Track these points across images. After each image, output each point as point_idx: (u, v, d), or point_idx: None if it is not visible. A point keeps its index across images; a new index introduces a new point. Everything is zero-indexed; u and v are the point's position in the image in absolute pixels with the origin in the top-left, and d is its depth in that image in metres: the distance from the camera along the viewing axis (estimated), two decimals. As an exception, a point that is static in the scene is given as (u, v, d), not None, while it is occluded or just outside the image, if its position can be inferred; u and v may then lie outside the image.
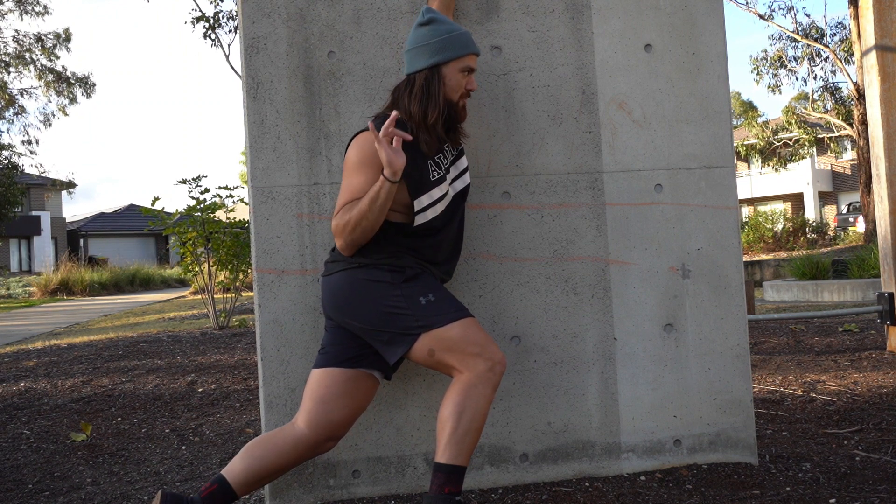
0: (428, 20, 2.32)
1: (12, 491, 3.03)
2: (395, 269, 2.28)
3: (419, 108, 2.29)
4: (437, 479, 2.19)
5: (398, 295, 2.25)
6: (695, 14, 2.78)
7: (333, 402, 2.30)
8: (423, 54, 2.30)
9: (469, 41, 2.34)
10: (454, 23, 2.38)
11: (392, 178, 2.17)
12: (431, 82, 2.30)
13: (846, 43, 22.04)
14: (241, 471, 2.28)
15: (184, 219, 8.67)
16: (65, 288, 20.87)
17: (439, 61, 2.30)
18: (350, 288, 2.29)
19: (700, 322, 2.75)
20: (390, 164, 2.15)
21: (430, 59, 2.30)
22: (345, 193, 2.26)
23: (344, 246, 2.26)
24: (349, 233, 2.23)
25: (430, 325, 2.22)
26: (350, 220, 2.21)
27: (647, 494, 2.50)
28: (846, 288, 10.02)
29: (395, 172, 2.16)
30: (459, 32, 2.33)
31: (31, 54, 26.76)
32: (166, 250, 40.14)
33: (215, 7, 15.69)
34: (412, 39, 2.34)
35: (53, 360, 6.33)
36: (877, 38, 4.98)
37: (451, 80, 2.32)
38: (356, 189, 2.24)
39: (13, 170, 26.67)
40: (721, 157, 2.78)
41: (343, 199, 2.25)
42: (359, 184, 2.23)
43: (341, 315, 2.31)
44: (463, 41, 2.32)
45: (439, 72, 2.31)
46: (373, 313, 2.26)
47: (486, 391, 2.20)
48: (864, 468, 2.69)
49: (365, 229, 2.23)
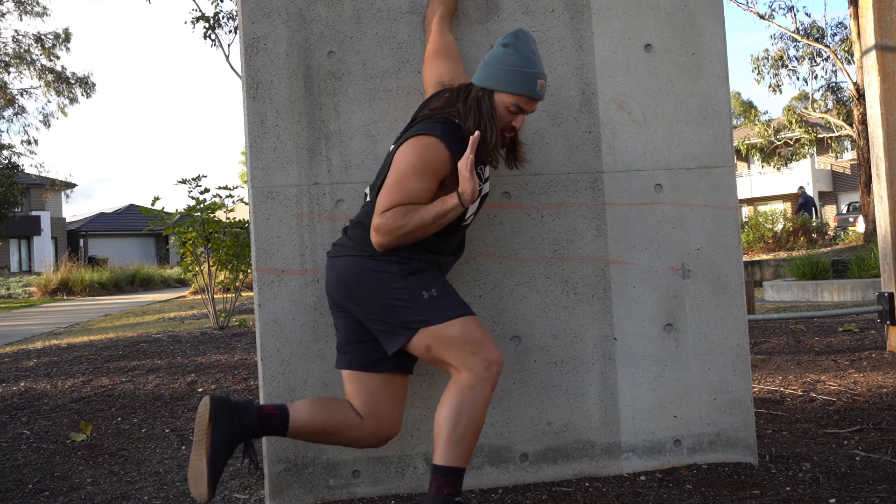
0: (506, 44, 2.29)
1: (12, 491, 3.03)
2: (402, 260, 2.27)
3: (474, 122, 2.26)
4: (436, 480, 2.19)
5: (402, 287, 2.25)
6: (695, 14, 2.78)
7: (379, 394, 2.33)
8: (490, 74, 2.28)
9: (531, 83, 2.26)
10: (533, 58, 2.29)
11: (467, 205, 2.20)
12: (483, 102, 2.28)
13: (846, 43, 22.03)
14: (306, 417, 2.29)
15: (184, 219, 8.67)
16: (65, 288, 20.86)
17: (496, 87, 2.27)
18: (356, 274, 2.29)
19: (700, 322, 2.75)
20: (473, 193, 2.18)
21: (489, 81, 2.28)
22: (398, 193, 2.22)
23: (384, 245, 2.24)
24: (401, 236, 2.22)
25: (429, 321, 2.22)
26: (406, 226, 2.20)
27: (647, 494, 2.50)
28: (846, 288, 10.02)
29: (471, 200, 2.19)
30: (533, 72, 2.26)
31: (30, 54, 26.76)
32: (166, 250, 40.11)
33: (215, 7, 15.67)
34: (491, 56, 2.31)
35: (53, 360, 6.33)
36: (877, 38, 4.98)
37: (499, 110, 2.29)
38: (413, 194, 2.22)
39: (13, 170, 26.67)
40: (721, 157, 2.78)
41: (395, 198, 2.21)
42: (417, 190, 2.22)
43: (343, 298, 2.31)
44: (526, 81, 2.25)
45: (491, 96, 2.28)
46: (375, 303, 2.26)
47: (483, 391, 2.20)
48: (864, 468, 2.69)
49: (416, 237, 2.24)
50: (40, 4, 26.41)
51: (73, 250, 38.20)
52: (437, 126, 2.26)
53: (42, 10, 26.44)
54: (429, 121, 2.30)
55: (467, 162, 2.17)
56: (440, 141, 2.22)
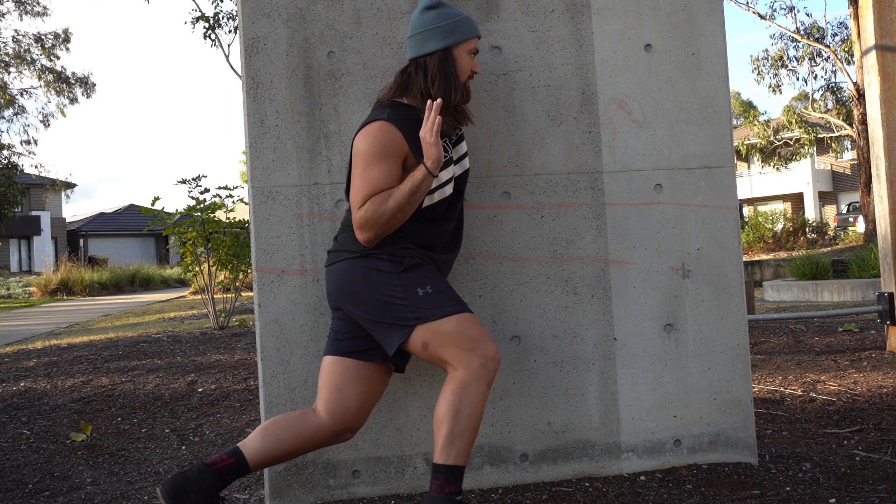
0: (435, 3, 2.35)
1: (12, 491, 3.03)
2: (395, 258, 2.28)
3: (440, 90, 2.30)
4: (437, 479, 2.19)
5: (396, 285, 2.25)
6: (695, 14, 2.78)
7: (348, 388, 2.32)
8: (434, 37, 2.32)
9: (474, 24, 2.39)
10: (457, 6, 2.43)
11: (435, 172, 2.20)
12: (447, 64, 2.32)
13: (847, 43, 22.04)
14: (259, 450, 2.30)
15: (184, 219, 8.67)
16: (65, 288, 20.87)
17: (451, 44, 2.32)
18: (351, 276, 2.30)
19: (700, 322, 2.75)
20: (438, 159, 2.18)
21: (443, 42, 2.32)
22: (365, 185, 2.23)
23: (372, 238, 2.25)
24: (382, 224, 2.23)
25: (425, 318, 2.22)
26: (385, 212, 2.21)
27: (647, 494, 2.50)
28: (846, 288, 10.02)
29: (438, 167, 2.19)
30: (466, 16, 2.38)
31: (30, 54, 26.75)
32: (166, 250, 40.12)
33: (215, 7, 15.68)
34: (419, 24, 2.35)
35: (53, 360, 6.33)
36: (877, 38, 4.98)
37: (462, 63, 2.35)
38: (379, 181, 2.23)
39: (13, 170, 26.67)
40: (721, 157, 2.78)
41: (364, 191, 2.23)
42: (382, 175, 2.23)
43: (344, 302, 2.32)
44: (470, 24, 2.37)
45: (451, 54, 2.33)
46: (371, 302, 2.27)
47: (480, 388, 2.20)
48: (864, 468, 2.69)
49: (399, 221, 2.24)
50: (40, 4, 26.43)
51: (73, 250, 38.22)
52: (383, 111, 2.30)
53: (42, 10, 26.46)
54: (374, 111, 2.36)
55: (429, 128, 2.19)
56: (388, 122, 2.26)
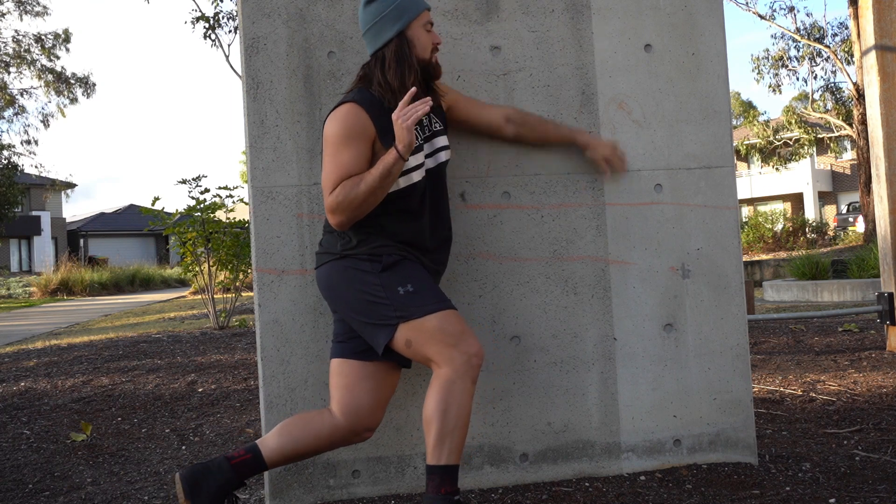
0: None
1: (12, 491, 3.03)
2: (373, 257, 2.28)
3: (396, 77, 2.29)
4: (433, 481, 2.19)
5: (377, 284, 2.26)
6: (695, 14, 2.78)
7: (357, 387, 2.33)
8: (385, 26, 2.30)
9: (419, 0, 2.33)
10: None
11: (406, 156, 2.19)
12: (402, 49, 2.30)
13: (847, 43, 22.04)
14: (276, 448, 2.32)
15: (184, 219, 8.67)
16: (65, 288, 20.87)
17: (402, 27, 2.30)
18: (335, 277, 2.32)
19: (700, 322, 2.75)
20: (410, 143, 2.17)
21: (393, 28, 2.29)
22: (335, 170, 2.24)
23: (344, 222, 2.25)
24: (355, 209, 2.23)
25: (407, 316, 2.22)
26: (357, 196, 2.20)
27: (647, 494, 2.50)
28: (846, 288, 10.02)
29: (409, 150, 2.18)
30: None
31: (30, 54, 26.75)
32: (166, 250, 40.11)
33: (215, 7, 15.67)
34: (366, 18, 2.33)
35: (53, 360, 6.33)
36: (877, 38, 4.98)
37: (420, 41, 2.32)
38: (349, 165, 2.23)
39: (13, 170, 26.67)
40: (721, 157, 2.78)
41: (334, 176, 2.23)
42: (349, 158, 2.23)
43: (332, 304, 2.35)
44: (414, 0, 2.32)
45: (405, 37, 2.31)
46: (355, 302, 2.28)
47: (465, 385, 2.20)
48: (864, 468, 2.69)
49: (371, 205, 2.24)
50: (40, 4, 26.44)
51: (73, 250, 38.20)
52: (349, 95, 2.30)
53: (42, 9, 26.46)
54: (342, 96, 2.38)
55: (401, 111, 2.17)
56: (354, 104, 2.26)
